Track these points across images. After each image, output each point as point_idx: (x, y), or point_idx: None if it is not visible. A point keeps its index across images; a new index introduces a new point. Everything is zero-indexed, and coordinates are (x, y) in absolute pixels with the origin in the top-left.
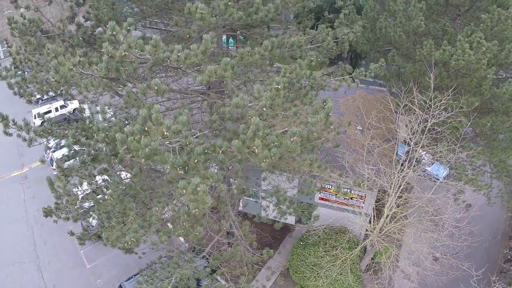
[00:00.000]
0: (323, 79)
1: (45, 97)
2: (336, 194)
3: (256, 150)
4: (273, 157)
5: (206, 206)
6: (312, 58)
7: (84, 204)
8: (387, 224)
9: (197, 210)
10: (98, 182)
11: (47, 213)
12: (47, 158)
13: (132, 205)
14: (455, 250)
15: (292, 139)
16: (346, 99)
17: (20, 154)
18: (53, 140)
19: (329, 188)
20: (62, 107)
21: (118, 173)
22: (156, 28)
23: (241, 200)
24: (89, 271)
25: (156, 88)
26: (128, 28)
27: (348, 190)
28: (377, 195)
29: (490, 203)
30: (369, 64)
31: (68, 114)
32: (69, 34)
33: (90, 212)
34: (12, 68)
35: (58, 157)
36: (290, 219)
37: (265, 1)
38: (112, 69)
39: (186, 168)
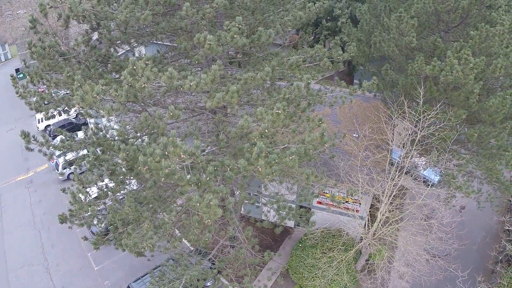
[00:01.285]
0: (319, 95)
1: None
2: (332, 200)
3: (260, 169)
4: (274, 173)
5: (217, 217)
6: (309, 81)
7: (97, 210)
8: (380, 228)
9: (209, 220)
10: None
11: (63, 220)
12: (52, 162)
13: (147, 214)
14: (445, 252)
15: (290, 158)
16: (343, 107)
17: (25, 158)
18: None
19: (326, 193)
20: (65, 111)
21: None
22: (167, 44)
23: (243, 205)
24: (97, 273)
25: (171, 114)
26: (147, 62)
27: (344, 195)
28: (371, 200)
29: (480, 207)
30: (367, 70)
31: (73, 120)
32: (84, 56)
33: (98, 217)
34: (29, 85)
35: (63, 162)
36: (290, 223)
37: (265, 26)
38: (131, 95)
39: (199, 184)
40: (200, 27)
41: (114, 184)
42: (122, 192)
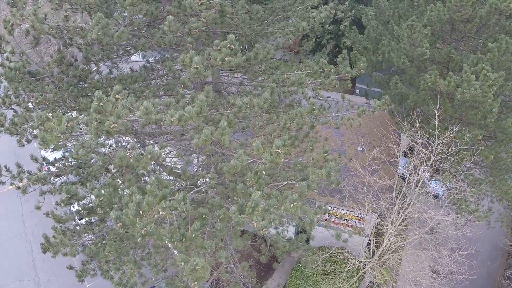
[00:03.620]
0: (324, 114)
1: None
2: (335, 216)
3: (255, 224)
4: (272, 222)
5: (204, 280)
6: (314, 107)
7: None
8: (385, 253)
9: (196, 283)
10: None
11: (45, 249)
12: (44, 171)
13: (130, 257)
14: (451, 269)
15: (292, 205)
16: (347, 117)
17: (18, 166)
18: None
19: (328, 210)
20: None
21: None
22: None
23: None
24: None
25: (149, 156)
26: (117, 96)
27: (347, 212)
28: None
29: (490, 227)
30: (373, 80)
31: None
32: (58, 77)
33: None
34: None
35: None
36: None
37: (263, 37)
38: (101, 132)
39: (184, 239)
40: (186, 45)
41: (94, 225)
42: (103, 227)
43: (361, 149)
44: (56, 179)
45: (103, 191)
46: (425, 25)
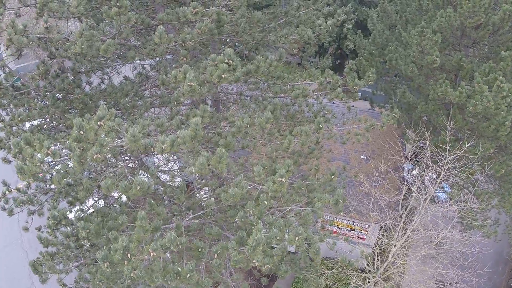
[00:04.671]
0: (330, 127)
1: None
2: (338, 226)
3: (256, 263)
4: (275, 258)
5: None
6: (320, 125)
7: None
8: (389, 268)
9: None
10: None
11: (36, 271)
12: (41, 176)
13: (124, 285)
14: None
15: (297, 239)
16: (350, 125)
17: (14, 171)
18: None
19: (330, 220)
20: None
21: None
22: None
23: None
24: None
25: (139, 188)
26: (100, 122)
27: (350, 223)
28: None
29: (497, 240)
30: (377, 85)
31: None
32: (43, 92)
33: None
34: None
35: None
36: (292, 248)
37: (265, 45)
38: (85, 162)
39: (178, 278)
40: (180, 58)
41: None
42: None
43: (365, 157)
44: (44, 198)
45: (89, 223)
46: (435, 32)
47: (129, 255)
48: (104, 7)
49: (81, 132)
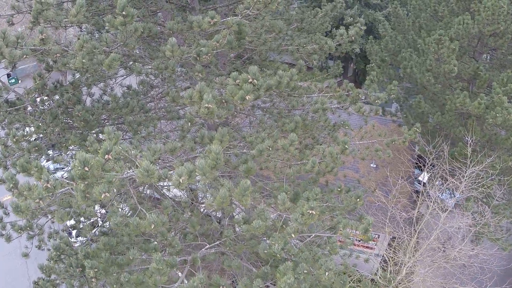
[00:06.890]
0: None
1: None
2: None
3: None
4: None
5: None
6: (346, 146)
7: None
8: (402, 281)
9: None
10: None
11: None
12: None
13: None
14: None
15: (327, 274)
16: (358, 131)
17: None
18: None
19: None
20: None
21: None
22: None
23: None
24: None
25: (152, 226)
26: (107, 156)
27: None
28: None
29: (508, 250)
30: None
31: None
32: (41, 110)
33: None
34: None
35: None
36: None
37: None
38: (91, 197)
39: None
40: (194, 75)
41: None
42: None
43: (375, 166)
44: (44, 221)
45: (96, 259)
46: (452, 39)
47: None
48: (108, 16)
49: (86, 168)
